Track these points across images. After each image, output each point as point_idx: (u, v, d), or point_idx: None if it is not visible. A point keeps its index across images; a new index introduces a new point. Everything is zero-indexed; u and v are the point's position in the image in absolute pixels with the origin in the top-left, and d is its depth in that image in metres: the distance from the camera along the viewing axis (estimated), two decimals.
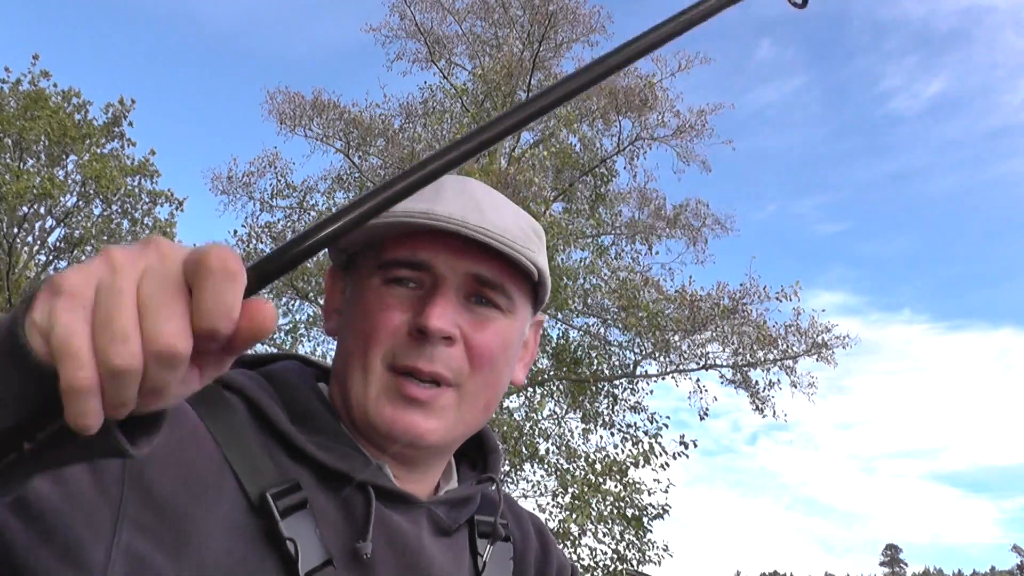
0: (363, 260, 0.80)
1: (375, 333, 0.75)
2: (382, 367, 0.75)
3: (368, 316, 0.76)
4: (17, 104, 16.00)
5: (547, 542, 0.96)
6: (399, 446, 0.76)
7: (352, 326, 0.78)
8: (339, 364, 0.80)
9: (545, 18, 12.67)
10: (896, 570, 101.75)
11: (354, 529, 0.72)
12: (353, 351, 0.76)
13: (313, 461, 0.73)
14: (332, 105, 12.92)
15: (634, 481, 11.22)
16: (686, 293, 11.97)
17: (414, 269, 0.76)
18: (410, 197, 0.48)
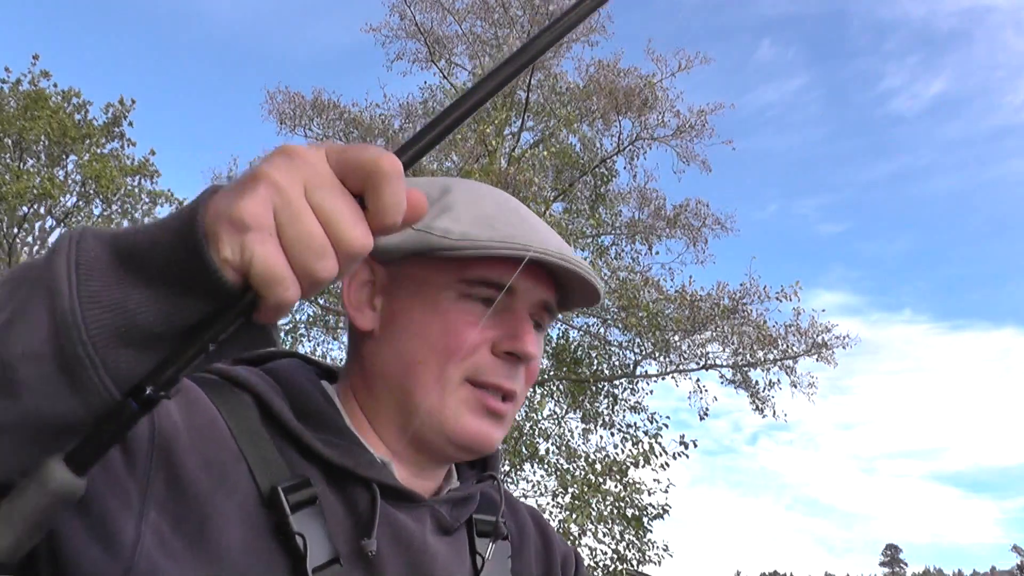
0: (430, 267, 0.77)
1: (459, 348, 0.76)
2: (460, 380, 0.77)
3: (449, 330, 0.76)
4: (17, 104, 16.00)
5: (548, 535, 0.97)
6: (467, 454, 0.79)
7: (422, 334, 0.76)
8: (394, 368, 0.78)
9: (545, 18, 12.65)
10: (896, 570, 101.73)
11: (359, 526, 0.73)
12: (425, 360, 0.76)
13: (319, 458, 0.73)
14: (332, 105, 12.93)
15: (634, 481, 11.23)
16: (686, 293, 11.97)
17: (495, 290, 0.77)
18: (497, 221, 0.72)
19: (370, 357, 0.80)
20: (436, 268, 0.77)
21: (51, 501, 0.46)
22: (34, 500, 0.45)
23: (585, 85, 12.84)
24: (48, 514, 0.46)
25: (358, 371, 0.81)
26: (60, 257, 0.46)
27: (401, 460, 0.80)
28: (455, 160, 12.42)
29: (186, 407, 0.68)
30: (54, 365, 0.44)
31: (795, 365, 12.24)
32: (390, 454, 0.79)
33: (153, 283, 0.46)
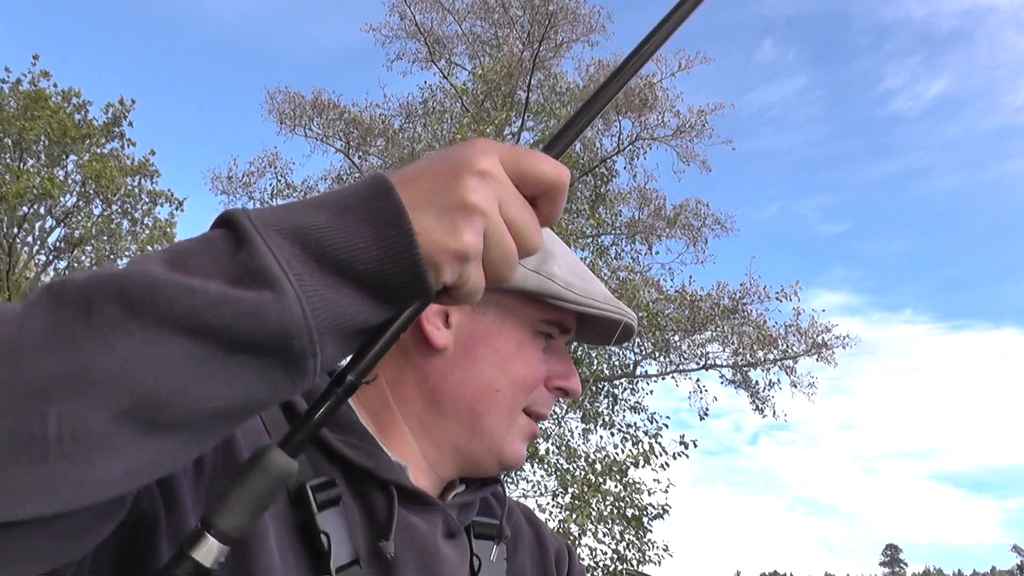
0: (518, 301, 0.82)
1: (530, 382, 0.82)
2: (521, 409, 0.83)
3: (529, 366, 0.82)
4: (17, 104, 16.00)
5: (540, 531, 0.98)
6: (503, 471, 0.86)
7: (502, 365, 0.81)
8: (468, 391, 0.81)
9: (545, 18, 12.66)
10: (896, 570, 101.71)
11: (376, 528, 0.73)
12: (502, 390, 0.81)
13: (340, 458, 0.74)
14: (332, 105, 12.93)
15: (634, 481, 11.23)
16: (686, 293, 11.98)
17: (561, 332, 0.85)
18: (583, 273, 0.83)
19: (437, 374, 0.81)
20: (527, 304, 0.82)
21: (275, 485, 0.50)
22: (261, 485, 0.50)
23: (585, 85, 12.84)
24: (272, 497, 0.51)
25: (411, 383, 0.81)
26: (260, 246, 0.47)
27: (430, 469, 0.82)
28: None
29: None
30: (278, 359, 0.47)
31: (795, 365, 12.25)
32: (406, 458, 0.80)
33: (360, 286, 0.49)
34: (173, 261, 0.47)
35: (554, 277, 0.80)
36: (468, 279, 0.51)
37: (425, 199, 0.50)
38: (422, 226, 0.49)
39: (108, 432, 0.43)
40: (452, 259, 0.50)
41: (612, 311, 0.83)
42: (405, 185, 0.50)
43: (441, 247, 0.50)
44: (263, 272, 0.46)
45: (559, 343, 0.86)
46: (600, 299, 0.83)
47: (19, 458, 0.42)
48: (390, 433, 0.81)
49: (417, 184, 0.51)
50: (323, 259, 0.48)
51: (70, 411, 0.42)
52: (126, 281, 0.45)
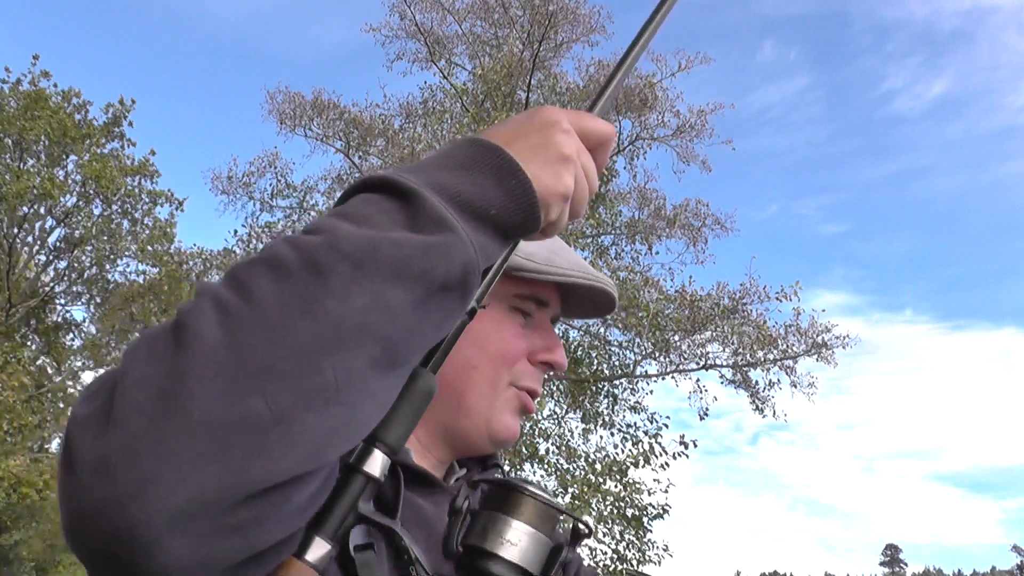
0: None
1: (509, 357, 0.84)
2: (506, 385, 0.85)
3: (506, 341, 0.84)
4: (17, 104, 15.99)
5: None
6: (498, 447, 0.87)
7: (479, 343, 0.83)
8: (447, 371, 0.81)
9: (545, 18, 12.66)
10: (896, 570, 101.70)
11: (383, 508, 0.74)
12: (480, 366, 0.83)
13: None
14: (332, 105, 12.92)
15: (634, 481, 11.23)
16: (686, 293, 11.97)
17: (538, 305, 0.87)
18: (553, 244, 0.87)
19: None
20: (499, 281, 0.83)
21: (424, 399, 0.59)
22: (415, 400, 0.58)
23: (585, 85, 12.84)
24: (422, 410, 0.59)
25: None
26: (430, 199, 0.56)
27: (425, 452, 0.83)
28: None
29: None
30: (460, 294, 0.56)
31: (795, 365, 12.24)
32: (410, 446, 0.81)
33: (492, 227, 0.59)
34: (358, 222, 0.54)
35: (517, 251, 0.82)
36: (563, 216, 0.64)
37: (529, 154, 0.61)
38: (532, 174, 0.60)
39: (367, 377, 0.50)
40: (559, 199, 0.62)
41: (580, 277, 0.85)
42: (507, 144, 0.61)
43: (551, 190, 0.62)
44: (443, 220, 0.55)
45: (541, 318, 0.88)
46: (567, 267, 0.85)
47: (314, 408, 0.47)
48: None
49: (517, 143, 0.62)
50: (464, 207, 0.57)
51: (339, 362, 0.48)
52: (344, 242, 0.51)
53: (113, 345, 17.21)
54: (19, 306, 16.89)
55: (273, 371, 0.46)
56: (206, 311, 0.48)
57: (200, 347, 0.46)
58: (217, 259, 12.84)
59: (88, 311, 18.53)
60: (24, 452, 14.54)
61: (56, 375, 18.24)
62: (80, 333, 18.67)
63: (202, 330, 0.47)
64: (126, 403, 0.45)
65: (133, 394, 0.45)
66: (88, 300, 18.41)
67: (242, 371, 0.46)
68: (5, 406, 13.32)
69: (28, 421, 14.15)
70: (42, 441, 17.17)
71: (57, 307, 18.44)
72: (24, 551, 21.90)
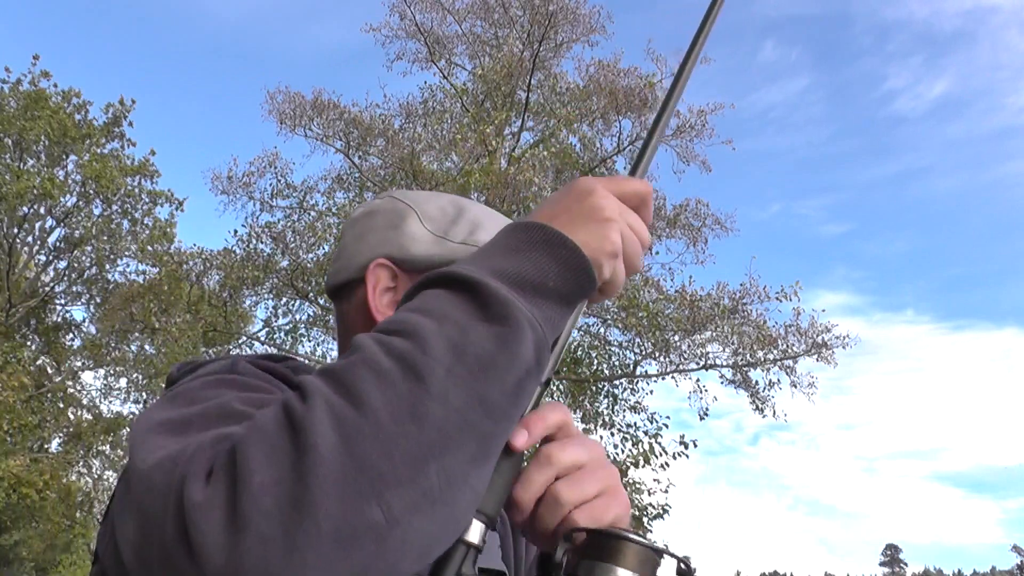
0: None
1: None
2: None
3: None
4: (17, 104, 16.00)
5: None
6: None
7: None
8: None
9: (545, 18, 12.66)
10: (896, 570, 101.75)
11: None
12: None
13: None
14: (332, 105, 12.91)
15: (634, 481, 11.23)
16: (686, 293, 11.97)
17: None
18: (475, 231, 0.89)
19: None
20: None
21: (515, 470, 0.63)
22: (507, 472, 0.62)
23: (585, 85, 12.83)
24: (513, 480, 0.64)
25: None
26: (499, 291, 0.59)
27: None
28: (455, 160, 12.42)
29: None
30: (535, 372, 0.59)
31: (795, 365, 12.24)
32: None
33: (553, 298, 0.62)
34: (439, 319, 0.56)
35: (480, 244, 0.83)
36: (616, 273, 0.67)
37: (573, 224, 0.64)
38: (580, 240, 0.63)
39: (467, 473, 0.53)
40: (609, 258, 0.65)
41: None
42: (551, 220, 0.65)
43: (599, 251, 0.64)
44: (509, 305, 0.57)
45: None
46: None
47: (422, 511, 0.50)
48: None
49: (560, 217, 0.65)
50: (525, 287, 0.60)
51: (443, 465, 0.51)
52: (434, 345, 0.54)
53: (113, 345, 17.21)
54: (19, 306, 16.89)
55: (386, 477, 0.49)
56: (321, 416, 0.50)
57: (320, 453, 0.48)
58: (217, 259, 12.83)
59: (88, 311, 18.56)
60: (24, 452, 14.55)
61: (56, 375, 18.24)
62: (80, 333, 18.69)
63: (320, 436, 0.49)
64: (254, 507, 0.47)
65: (260, 498, 0.47)
66: (88, 300, 18.43)
67: (360, 478, 0.48)
68: (5, 406, 13.32)
69: (28, 421, 14.16)
70: (42, 441, 17.17)
71: (57, 307, 18.45)
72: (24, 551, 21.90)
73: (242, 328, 13.81)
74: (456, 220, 0.89)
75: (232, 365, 0.72)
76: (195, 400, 0.63)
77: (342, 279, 0.91)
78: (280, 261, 12.50)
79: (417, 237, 0.88)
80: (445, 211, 0.90)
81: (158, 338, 13.12)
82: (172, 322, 12.90)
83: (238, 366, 0.72)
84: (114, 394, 18.25)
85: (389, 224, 0.90)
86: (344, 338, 0.91)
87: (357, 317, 0.89)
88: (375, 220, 0.92)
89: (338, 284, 0.92)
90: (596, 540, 0.70)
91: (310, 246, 12.50)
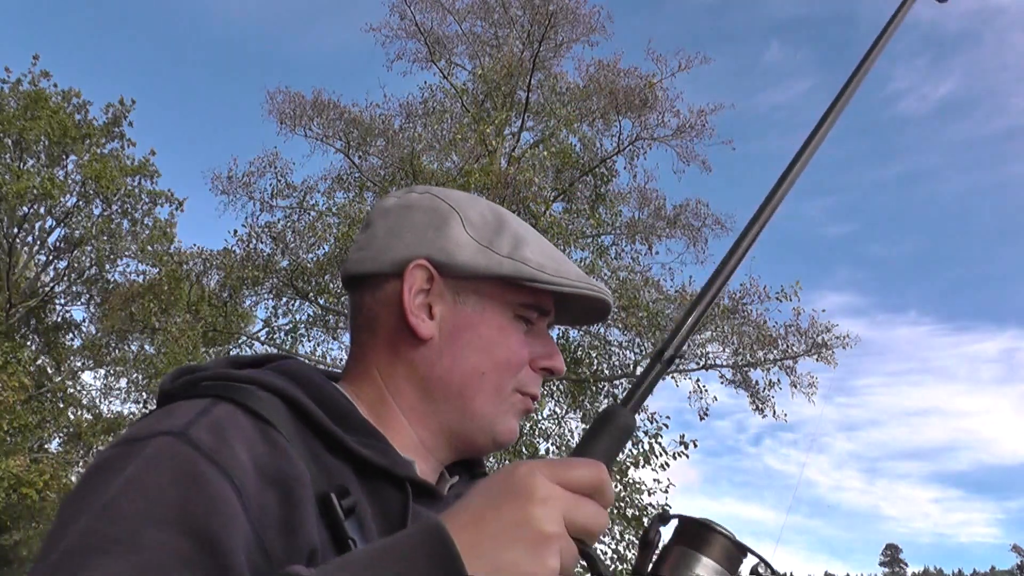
0: (497, 288, 0.86)
1: (514, 364, 0.87)
2: (511, 390, 0.87)
3: (511, 349, 0.87)
4: (17, 104, 16.00)
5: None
6: (499, 448, 0.90)
7: (487, 350, 0.85)
8: (455, 377, 0.85)
9: (545, 18, 12.66)
10: (896, 570, 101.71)
11: (392, 525, 0.74)
12: (487, 373, 0.85)
13: (356, 458, 0.75)
14: (332, 105, 12.91)
15: (634, 481, 11.23)
16: (686, 293, 11.97)
17: (539, 315, 0.89)
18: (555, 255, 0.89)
19: (426, 363, 0.85)
20: (504, 290, 0.86)
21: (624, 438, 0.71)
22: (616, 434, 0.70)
23: (585, 85, 12.84)
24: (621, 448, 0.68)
25: (402, 375, 0.85)
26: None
27: (428, 455, 0.85)
28: (455, 160, 12.41)
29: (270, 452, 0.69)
30: None
31: (795, 365, 12.24)
32: (412, 452, 0.83)
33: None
34: None
35: (527, 261, 0.85)
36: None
37: (506, 537, 0.56)
38: (510, 561, 0.55)
39: None
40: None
41: (586, 288, 0.88)
42: (475, 525, 0.57)
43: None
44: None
45: (540, 326, 0.90)
46: (574, 277, 0.87)
47: None
48: (388, 424, 0.83)
49: (487, 525, 0.57)
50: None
51: None
52: None
53: (113, 345, 17.21)
54: (19, 306, 16.89)
55: None
56: None
57: None
58: (217, 259, 12.83)
59: (88, 311, 18.54)
60: (24, 452, 14.54)
61: (56, 375, 18.24)
62: (80, 333, 18.68)
63: None
64: None
65: None
66: (88, 300, 18.41)
67: None
68: (5, 406, 13.32)
69: (28, 421, 14.15)
70: (42, 441, 17.17)
71: (57, 307, 18.45)
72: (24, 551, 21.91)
73: (242, 328, 13.82)
74: (499, 231, 0.87)
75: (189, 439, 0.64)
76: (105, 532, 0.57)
77: (369, 269, 0.87)
78: (280, 261, 12.50)
79: (461, 243, 0.85)
80: (486, 219, 0.88)
81: (158, 338, 13.11)
82: (172, 322, 12.89)
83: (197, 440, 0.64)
84: (114, 394, 18.24)
85: (430, 224, 0.87)
86: (361, 331, 0.88)
87: (382, 311, 0.86)
88: (414, 216, 0.88)
89: (363, 273, 0.88)
90: (688, 528, 0.75)
91: (310, 246, 12.51)
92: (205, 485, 0.60)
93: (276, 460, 0.67)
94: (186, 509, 0.58)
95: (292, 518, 0.66)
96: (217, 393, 0.71)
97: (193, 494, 0.60)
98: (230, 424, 0.67)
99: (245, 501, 0.62)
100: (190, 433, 0.64)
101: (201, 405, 0.68)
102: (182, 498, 0.59)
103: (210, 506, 0.59)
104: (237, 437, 0.66)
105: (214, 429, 0.65)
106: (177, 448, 0.62)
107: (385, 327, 0.86)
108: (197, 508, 0.59)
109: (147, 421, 0.68)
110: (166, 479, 0.60)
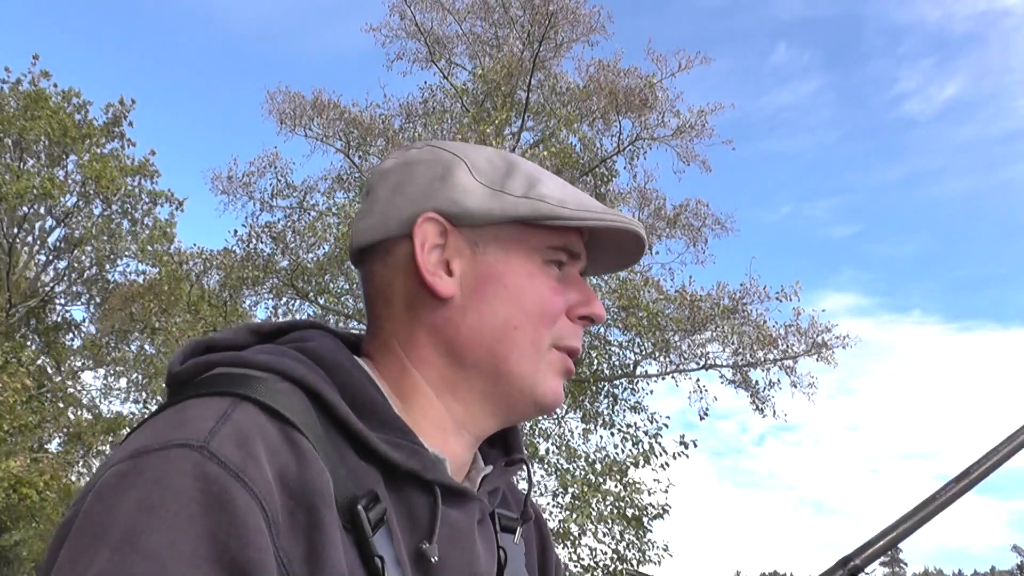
0: (519, 232, 0.77)
1: (550, 313, 0.77)
2: (549, 346, 0.78)
3: (544, 297, 0.77)
4: (17, 104, 16.01)
5: (544, 531, 0.94)
6: (543, 413, 0.81)
7: (516, 300, 0.76)
8: (485, 335, 0.76)
9: (545, 18, 12.65)
10: (896, 570, 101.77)
11: (418, 530, 0.69)
12: (521, 326, 0.76)
13: (383, 460, 0.69)
14: (332, 105, 12.91)
15: (634, 481, 11.23)
16: (686, 293, 11.97)
17: (570, 257, 0.80)
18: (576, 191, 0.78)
19: (450, 325, 0.76)
20: (528, 233, 0.77)
21: None
22: None
23: (585, 85, 12.83)
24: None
25: (424, 342, 0.76)
26: None
27: (461, 430, 0.77)
28: None
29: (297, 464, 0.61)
30: None
31: (795, 365, 12.25)
32: (443, 431, 0.76)
33: None
34: None
35: (545, 198, 0.76)
36: None
37: None
38: None
39: None
40: None
41: (615, 220, 0.78)
42: None
43: None
44: None
45: (572, 271, 0.81)
46: (599, 211, 0.78)
47: None
48: (414, 401, 0.76)
49: None
50: None
51: None
52: None
53: (113, 345, 17.22)
54: (19, 306, 16.90)
55: None
56: None
57: None
58: (217, 259, 12.84)
59: (88, 311, 18.55)
60: (24, 452, 14.54)
61: (56, 375, 18.24)
62: (80, 333, 18.69)
63: None
64: None
65: None
66: (88, 300, 18.43)
67: None
68: (5, 406, 13.32)
69: (28, 421, 14.16)
70: (42, 441, 17.17)
71: (57, 307, 18.46)
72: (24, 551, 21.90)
73: None
74: (510, 173, 0.78)
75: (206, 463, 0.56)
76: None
77: (375, 237, 0.78)
78: (280, 261, 12.51)
79: (470, 189, 0.76)
80: (494, 163, 0.79)
81: (158, 338, 13.13)
82: (172, 322, 12.91)
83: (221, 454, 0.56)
84: (114, 394, 18.26)
85: (434, 175, 0.78)
86: (376, 304, 0.79)
87: (396, 278, 0.77)
88: (415, 170, 0.79)
89: (369, 243, 0.78)
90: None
91: (310, 246, 12.51)
92: (235, 513, 0.54)
93: (303, 473, 0.60)
94: (217, 539, 0.53)
95: (317, 543, 0.59)
96: (234, 388, 0.63)
97: (224, 523, 0.53)
98: (255, 433, 0.59)
99: (274, 528, 0.56)
100: (212, 446, 0.56)
101: (220, 408, 0.60)
102: (213, 527, 0.53)
103: (244, 538, 0.54)
104: (262, 448, 0.58)
105: (238, 440, 0.57)
106: (200, 466, 0.55)
107: (400, 294, 0.77)
108: (230, 540, 0.53)
109: (158, 426, 0.60)
110: (193, 505, 0.53)
